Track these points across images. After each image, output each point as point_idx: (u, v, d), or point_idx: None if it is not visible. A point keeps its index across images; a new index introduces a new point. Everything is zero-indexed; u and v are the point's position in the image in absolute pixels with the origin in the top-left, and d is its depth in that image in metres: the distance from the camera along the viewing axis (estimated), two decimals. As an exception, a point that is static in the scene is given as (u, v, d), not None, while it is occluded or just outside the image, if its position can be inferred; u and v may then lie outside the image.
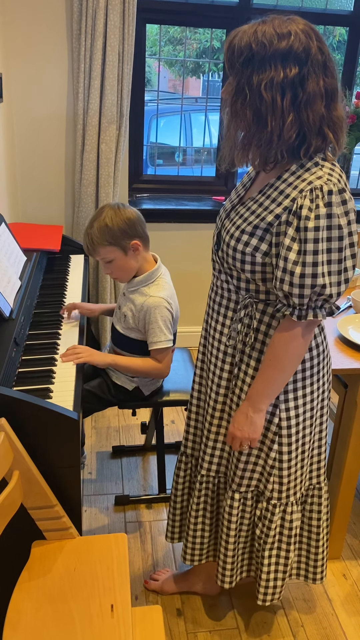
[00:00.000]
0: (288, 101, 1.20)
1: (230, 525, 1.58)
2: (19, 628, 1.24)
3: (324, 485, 1.63)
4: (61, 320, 1.92)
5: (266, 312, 1.38)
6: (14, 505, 1.31)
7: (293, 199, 1.24)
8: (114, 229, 1.75)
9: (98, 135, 2.71)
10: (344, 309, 2.12)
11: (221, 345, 1.49)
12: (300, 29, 1.19)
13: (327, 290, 1.24)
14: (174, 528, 1.79)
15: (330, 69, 1.22)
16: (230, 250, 1.35)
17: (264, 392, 1.37)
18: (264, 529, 1.57)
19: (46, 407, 1.36)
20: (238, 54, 1.20)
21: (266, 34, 1.18)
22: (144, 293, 1.84)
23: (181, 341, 3.13)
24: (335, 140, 1.26)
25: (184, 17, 2.93)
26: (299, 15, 1.22)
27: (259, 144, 1.25)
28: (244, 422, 1.40)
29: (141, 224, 1.82)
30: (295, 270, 1.22)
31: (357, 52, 3.12)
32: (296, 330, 1.29)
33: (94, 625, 1.25)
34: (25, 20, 2.60)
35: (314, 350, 1.43)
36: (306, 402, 1.47)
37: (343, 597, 1.93)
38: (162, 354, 1.86)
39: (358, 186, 3.57)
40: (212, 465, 1.60)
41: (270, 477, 1.52)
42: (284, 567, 1.62)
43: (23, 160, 2.84)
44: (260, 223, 1.30)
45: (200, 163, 3.57)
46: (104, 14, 2.50)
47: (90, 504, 2.23)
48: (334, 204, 1.20)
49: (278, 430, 1.46)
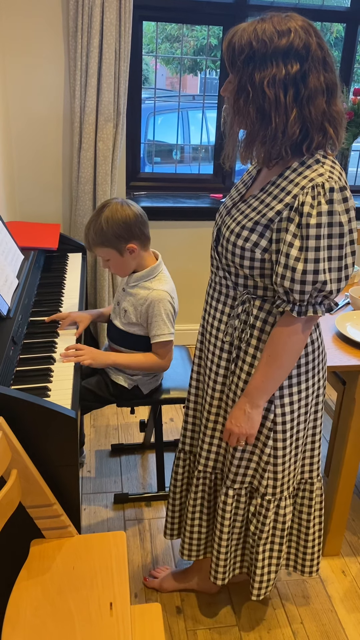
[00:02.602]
0: (291, 97, 1.20)
1: (223, 522, 1.59)
2: (18, 626, 1.24)
3: (316, 481, 1.63)
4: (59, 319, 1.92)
5: (263, 309, 1.39)
6: (12, 504, 1.31)
7: (294, 195, 1.24)
8: (108, 234, 1.75)
9: (95, 133, 2.70)
10: (342, 305, 2.12)
11: (218, 342, 1.49)
12: (299, 25, 1.19)
13: (327, 287, 1.25)
14: (173, 525, 1.80)
15: (329, 64, 1.24)
16: (230, 245, 1.36)
17: (262, 388, 1.37)
18: (259, 525, 1.58)
19: (44, 406, 1.36)
20: (239, 51, 1.21)
21: (266, 32, 1.18)
22: (147, 287, 1.84)
23: (179, 339, 3.13)
24: (335, 136, 1.27)
25: (180, 14, 2.93)
26: (296, 11, 1.22)
27: (263, 140, 1.26)
28: (241, 418, 1.41)
29: (140, 224, 1.79)
30: (297, 267, 1.23)
31: (355, 48, 3.12)
32: (296, 326, 1.30)
33: (93, 623, 1.25)
34: (21, 18, 2.59)
35: (309, 347, 1.43)
36: (301, 398, 1.47)
37: (342, 593, 1.93)
38: (165, 348, 1.86)
39: (356, 183, 3.56)
40: (209, 461, 1.61)
41: (264, 473, 1.53)
42: (277, 560, 1.64)
43: (20, 158, 2.84)
44: (260, 219, 1.30)
45: (198, 160, 3.56)
46: (100, 12, 2.49)
47: (90, 503, 2.24)
48: (336, 201, 1.21)
49: (273, 426, 1.47)
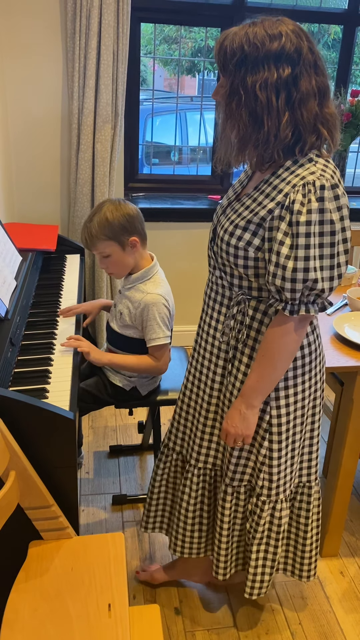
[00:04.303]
0: (283, 101, 1.21)
1: (223, 519, 1.60)
2: (16, 628, 1.24)
3: (314, 484, 1.63)
4: (57, 320, 1.92)
5: (258, 309, 1.39)
6: (10, 505, 1.31)
7: (286, 194, 1.24)
8: (113, 224, 1.75)
9: (93, 135, 2.70)
10: (340, 306, 2.12)
11: (215, 341, 1.49)
12: (290, 29, 1.20)
13: (319, 285, 1.25)
14: (149, 518, 1.80)
15: (320, 68, 1.24)
16: (224, 244, 1.36)
17: (257, 388, 1.37)
18: (253, 524, 1.59)
19: (42, 407, 1.36)
20: (230, 55, 1.21)
21: (257, 35, 1.19)
22: (141, 290, 1.84)
23: (177, 340, 3.13)
24: (329, 137, 1.27)
25: (178, 16, 2.93)
26: (294, 13, 1.23)
27: (256, 144, 1.26)
28: (237, 418, 1.41)
29: (140, 221, 1.82)
30: (288, 265, 1.23)
31: (352, 50, 3.12)
32: (289, 325, 1.30)
33: (91, 625, 1.25)
34: (19, 19, 2.59)
35: (305, 349, 1.43)
36: (297, 400, 1.47)
37: (340, 594, 1.93)
38: (160, 351, 1.86)
39: (354, 184, 3.57)
40: (209, 457, 1.61)
41: (260, 474, 1.53)
42: (272, 562, 1.64)
43: (18, 159, 2.84)
44: (253, 218, 1.30)
45: (196, 162, 3.57)
46: (98, 13, 2.50)
47: (88, 504, 2.23)
48: (326, 199, 1.20)
49: (269, 427, 1.47)
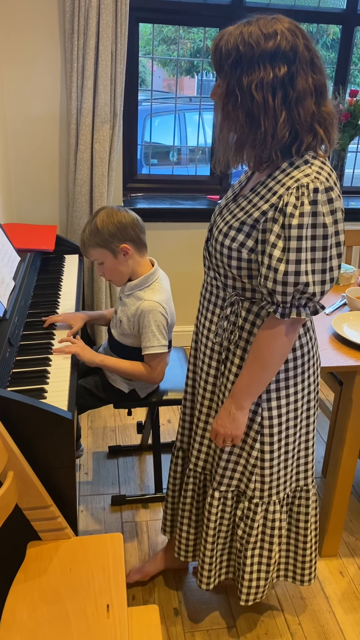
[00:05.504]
0: (279, 100, 1.19)
1: (209, 524, 1.59)
2: (15, 629, 1.24)
3: (312, 487, 1.62)
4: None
5: (251, 311, 1.38)
6: (8, 506, 1.31)
7: (280, 196, 1.23)
8: (103, 231, 1.76)
9: (92, 135, 2.70)
10: (339, 306, 2.12)
11: (209, 342, 1.49)
12: (285, 27, 1.18)
13: (310, 289, 1.23)
14: (166, 521, 1.82)
15: (317, 66, 1.22)
16: (218, 245, 1.36)
17: (247, 390, 1.37)
18: (247, 529, 1.57)
19: (40, 407, 1.36)
20: (226, 56, 1.20)
21: (252, 35, 1.17)
22: (139, 297, 1.83)
23: (177, 340, 3.13)
24: (326, 137, 1.25)
25: (177, 16, 2.92)
26: (292, 13, 1.22)
27: (253, 144, 1.25)
28: (226, 418, 1.41)
29: (135, 228, 1.79)
30: (279, 268, 1.22)
31: (351, 50, 3.12)
32: (280, 328, 1.29)
33: (89, 626, 1.24)
34: (17, 19, 2.59)
35: (297, 351, 1.42)
36: (289, 403, 1.46)
37: (340, 594, 1.93)
38: (155, 360, 1.84)
39: (352, 184, 3.56)
40: (199, 461, 1.61)
41: (252, 476, 1.52)
42: (267, 566, 1.62)
43: (16, 160, 2.84)
44: (247, 219, 1.30)
45: (195, 162, 3.56)
46: (97, 14, 2.49)
47: (87, 504, 2.23)
48: (320, 202, 1.19)
49: (260, 429, 1.46)
